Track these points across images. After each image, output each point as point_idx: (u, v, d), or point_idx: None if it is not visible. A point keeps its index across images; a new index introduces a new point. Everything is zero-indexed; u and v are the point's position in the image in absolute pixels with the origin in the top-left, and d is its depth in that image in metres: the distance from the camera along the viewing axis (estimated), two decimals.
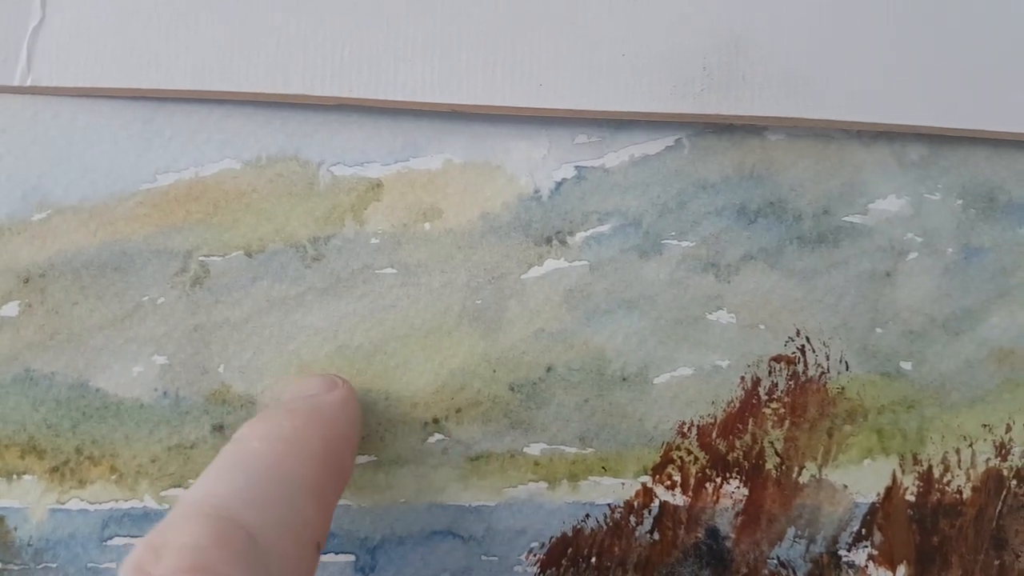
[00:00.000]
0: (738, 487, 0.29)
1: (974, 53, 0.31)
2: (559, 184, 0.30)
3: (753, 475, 0.29)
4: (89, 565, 0.28)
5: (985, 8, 0.31)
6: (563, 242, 0.29)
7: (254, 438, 0.22)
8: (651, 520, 0.29)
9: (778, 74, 0.30)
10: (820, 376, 0.30)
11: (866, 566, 0.30)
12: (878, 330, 0.30)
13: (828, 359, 0.30)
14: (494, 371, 0.29)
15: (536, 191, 0.30)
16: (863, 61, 0.30)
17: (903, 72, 0.30)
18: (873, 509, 0.30)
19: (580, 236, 0.30)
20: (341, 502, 0.28)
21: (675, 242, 0.30)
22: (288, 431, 0.23)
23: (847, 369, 0.30)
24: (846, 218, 0.31)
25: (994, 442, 0.31)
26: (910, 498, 0.30)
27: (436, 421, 0.29)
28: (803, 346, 0.30)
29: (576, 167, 0.30)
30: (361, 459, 0.28)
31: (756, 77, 0.30)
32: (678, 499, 0.29)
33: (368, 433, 0.28)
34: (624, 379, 0.29)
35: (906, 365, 0.30)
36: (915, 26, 0.30)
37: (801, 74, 0.30)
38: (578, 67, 0.29)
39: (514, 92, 0.29)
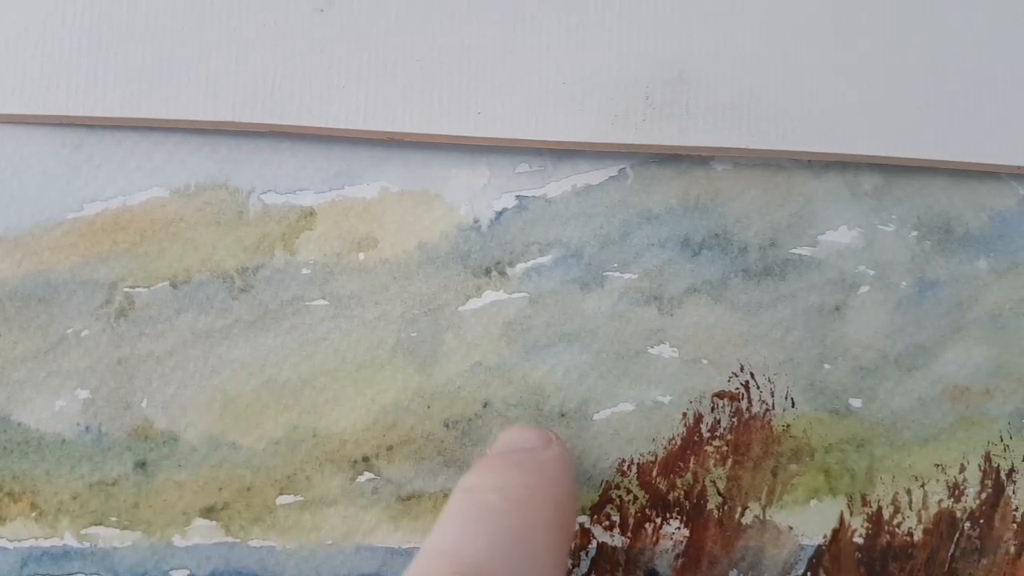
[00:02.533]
0: (679, 527, 0.28)
1: (930, 80, 0.30)
2: (499, 214, 0.29)
3: (694, 515, 0.28)
4: None
5: (941, 35, 0.30)
6: (503, 273, 0.29)
7: (489, 490, 0.22)
8: (588, 562, 0.28)
9: (723, 104, 0.29)
10: (765, 413, 0.29)
11: None
12: (826, 366, 0.29)
13: (773, 395, 0.29)
14: (428, 407, 0.28)
15: (476, 221, 0.29)
16: (813, 89, 0.29)
17: (856, 100, 0.29)
18: (819, 551, 0.29)
19: (520, 267, 0.29)
20: (264, 543, 0.27)
21: (617, 274, 0.29)
22: (523, 491, 0.22)
23: (793, 406, 0.29)
24: (794, 250, 0.30)
25: (947, 482, 0.29)
26: (858, 540, 0.29)
27: (366, 459, 0.28)
28: (747, 382, 0.29)
29: (517, 196, 0.29)
30: (286, 499, 0.27)
31: (700, 107, 0.29)
32: (616, 540, 0.28)
33: (294, 472, 0.27)
34: (563, 415, 0.28)
35: (856, 402, 0.29)
36: (869, 53, 0.30)
37: (748, 103, 0.29)
38: (517, 96, 0.28)
39: (451, 121, 0.28)
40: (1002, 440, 0.30)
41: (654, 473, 0.29)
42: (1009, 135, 0.30)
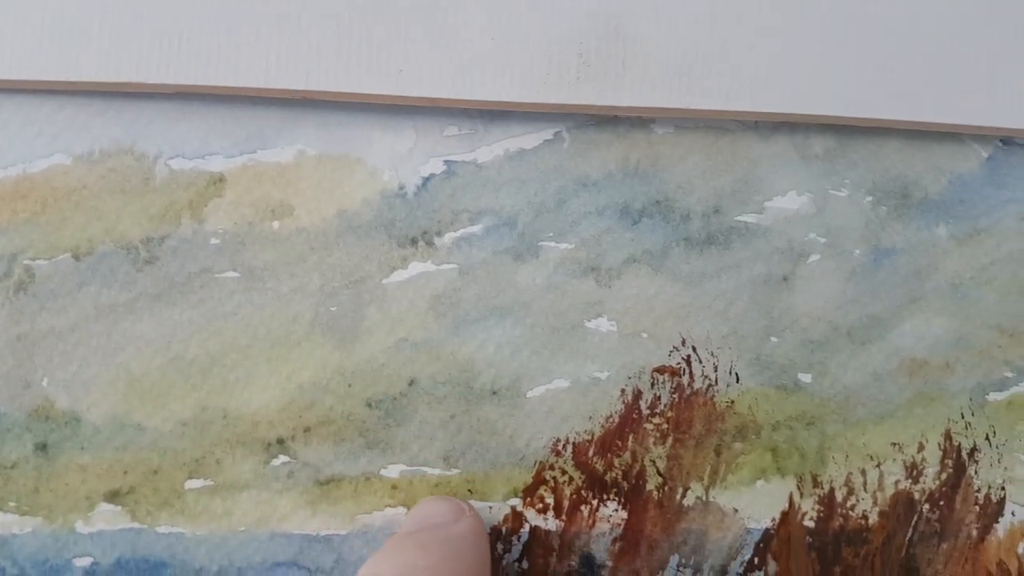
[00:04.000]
0: (616, 510, 0.27)
1: (885, 36, 0.28)
2: (426, 180, 0.27)
3: (633, 497, 0.27)
4: None
5: None
6: (430, 243, 0.27)
7: None
8: (520, 547, 0.27)
9: (663, 61, 0.27)
10: (707, 389, 0.27)
11: None
12: (773, 339, 0.28)
13: (716, 370, 0.28)
14: (349, 385, 0.26)
15: (401, 187, 0.27)
16: (759, 46, 0.28)
17: (805, 57, 0.28)
18: (767, 536, 0.27)
19: (449, 237, 0.27)
20: (173, 530, 0.26)
21: (553, 244, 0.28)
22: (422, 573, 0.22)
23: (737, 381, 0.28)
24: (739, 217, 0.28)
25: (904, 462, 0.28)
26: (809, 524, 0.27)
27: (281, 442, 0.26)
28: (689, 356, 0.27)
29: (445, 161, 0.27)
30: (196, 483, 0.26)
31: (637, 64, 0.27)
32: (550, 524, 0.27)
33: (204, 455, 0.26)
34: (494, 393, 0.27)
35: (805, 377, 0.28)
36: (818, 5, 0.28)
37: (689, 61, 0.27)
38: (441, 52, 0.27)
39: (370, 78, 0.27)
40: (963, 417, 0.29)
41: (591, 453, 0.27)
42: (970, 93, 0.29)
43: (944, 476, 0.28)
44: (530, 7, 0.27)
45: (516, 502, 0.27)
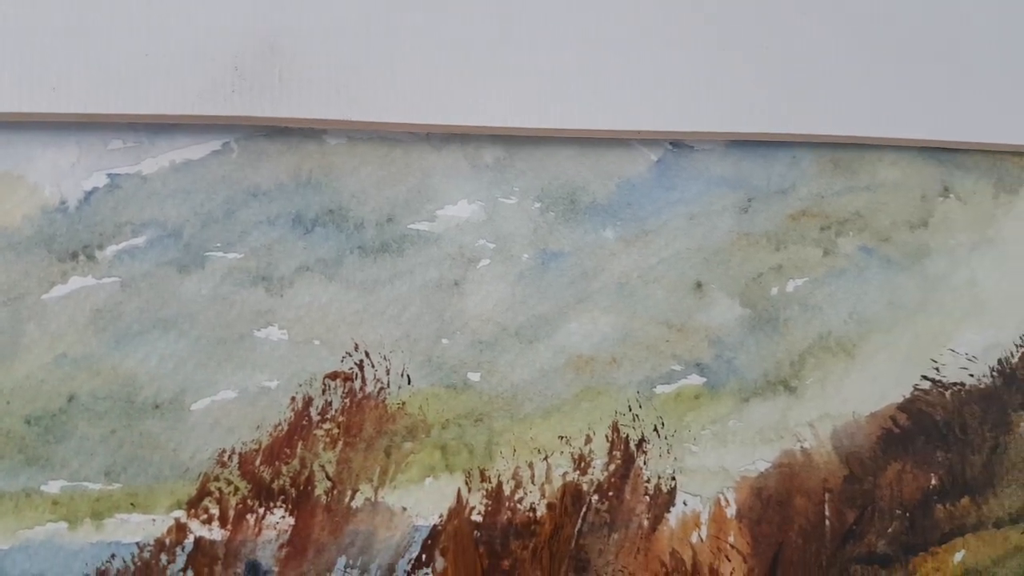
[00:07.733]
0: (283, 516, 0.29)
1: (547, 44, 0.31)
2: (89, 193, 0.29)
3: (300, 502, 0.29)
4: None
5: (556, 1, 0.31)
6: (91, 257, 0.28)
7: None
8: (184, 557, 0.28)
9: (320, 75, 0.29)
10: (379, 392, 0.29)
11: None
12: (444, 341, 0.30)
13: (389, 373, 0.30)
14: (8, 403, 0.27)
15: (62, 202, 0.28)
16: (424, 59, 0.30)
17: (472, 70, 0.30)
18: (435, 532, 0.29)
19: (111, 250, 0.28)
20: None
21: (220, 254, 0.29)
22: None
23: (409, 383, 0.30)
24: (412, 226, 0.30)
25: (572, 455, 0.31)
26: (477, 518, 0.30)
27: None
28: (362, 361, 0.29)
29: (109, 175, 0.29)
30: None
31: (294, 79, 0.29)
32: (215, 533, 0.28)
33: None
34: (157, 406, 0.28)
35: (474, 376, 0.30)
36: (480, 18, 0.30)
37: (347, 74, 0.30)
38: (95, 68, 0.28)
39: (23, 98, 0.28)
40: (631, 410, 0.31)
41: (257, 462, 0.29)
42: (634, 100, 0.32)
43: (612, 467, 0.31)
44: (183, 23, 0.29)
45: (180, 514, 0.28)
